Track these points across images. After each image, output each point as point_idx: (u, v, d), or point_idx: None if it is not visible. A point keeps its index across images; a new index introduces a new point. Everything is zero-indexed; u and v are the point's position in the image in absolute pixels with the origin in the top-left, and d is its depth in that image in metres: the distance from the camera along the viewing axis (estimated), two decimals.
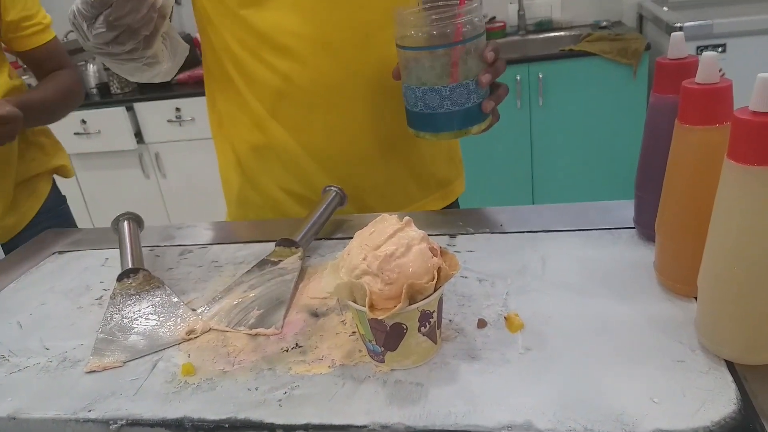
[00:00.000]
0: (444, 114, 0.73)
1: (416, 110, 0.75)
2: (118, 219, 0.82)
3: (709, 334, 0.50)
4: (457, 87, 0.71)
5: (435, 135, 0.76)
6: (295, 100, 0.87)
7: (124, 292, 0.71)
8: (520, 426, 0.46)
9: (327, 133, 0.88)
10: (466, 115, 0.74)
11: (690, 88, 0.51)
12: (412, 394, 0.51)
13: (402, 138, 0.91)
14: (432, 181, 0.97)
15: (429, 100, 0.73)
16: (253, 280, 0.70)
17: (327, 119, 0.87)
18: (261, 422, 0.50)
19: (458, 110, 0.73)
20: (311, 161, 0.90)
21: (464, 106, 0.73)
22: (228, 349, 0.60)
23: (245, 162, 0.94)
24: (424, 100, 0.73)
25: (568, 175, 2.57)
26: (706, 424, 0.44)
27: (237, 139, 0.94)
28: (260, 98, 0.88)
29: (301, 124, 0.88)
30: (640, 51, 2.28)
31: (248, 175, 0.95)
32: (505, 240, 0.74)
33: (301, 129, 0.88)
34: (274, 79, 0.86)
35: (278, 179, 0.93)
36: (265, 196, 0.95)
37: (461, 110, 0.73)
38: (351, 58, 0.84)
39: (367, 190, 0.92)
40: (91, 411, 0.54)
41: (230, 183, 0.99)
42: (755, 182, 0.43)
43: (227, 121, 0.95)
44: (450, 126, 0.74)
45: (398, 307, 0.49)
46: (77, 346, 0.64)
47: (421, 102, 0.73)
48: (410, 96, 0.75)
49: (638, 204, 0.68)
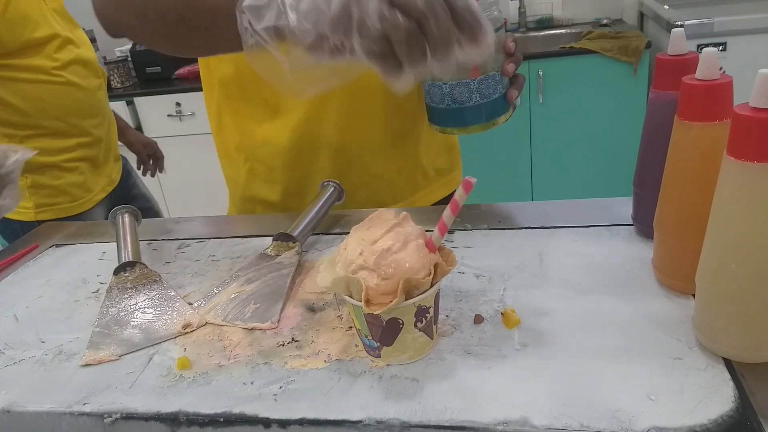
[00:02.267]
0: (473, 107, 0.74)
1: (443, 106, 0.75)
2: (116, 212, 0.82)
3: (706, 331, 0.50)
4: (485, 79, 0.72)
5: (464, 129, 0.76)
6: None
7: (121, 285, 0.70)
8: (516, 422, 0.46)
9: (340, 123, 0.87)
10: (494, 106, 0.74)
11: (690, 84, 0.51)
12: (407, 390, 0.50)
13: (410, 128, 0.92)
14: (433, 170, 0.98)
15: (458, 95, 0.73)
16: (250, 275, 0.70)
17: (341, 110, 0.86)
18: (256, 416, 0.50)
19: (486, 102, 0.74)
20: (322, 152, 0.89)
21: (492, 97, 0.73)
22: (224, 343, 0.60)
23: (253, 157, 0.93)
24: (452, 95, 0.73)
25: (567, 173, 2.57)
26: (703, 421, 0.43)
27: (242, 133, 0.93)
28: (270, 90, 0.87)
29: (313, 115, 0.87)
30: (641, 49, 2.28)
31: (256, 170, 0.94)
32: (503, 236, 0.73)
33: (312, 120, 0.87)
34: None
35: (287, 173, 0.92)
36: (272, 192, 0.94)
37: (489, 102, 0.74)
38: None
39: (375, 180, 0.92)
40: (86, 404, 0.54)
41: (235, 180, 0.97)
42: (755, 179, 0.42)
43: (229, 115, 0.94)
44: (479, 118, 0.75)
45: (394, 302, 0.49)
46: (73, 339, 0.64)
47: (449, 97, 0.74)
48: (436, 93, 0.75)
49: (637, 201, 0.68)
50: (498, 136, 2.52)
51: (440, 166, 0.99)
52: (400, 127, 0.91)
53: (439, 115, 0.77)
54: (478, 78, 0.72)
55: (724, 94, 0.50)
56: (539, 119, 2.48)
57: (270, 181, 0.93)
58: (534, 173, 2.60)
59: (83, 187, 1.36)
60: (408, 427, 0.47)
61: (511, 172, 2.61)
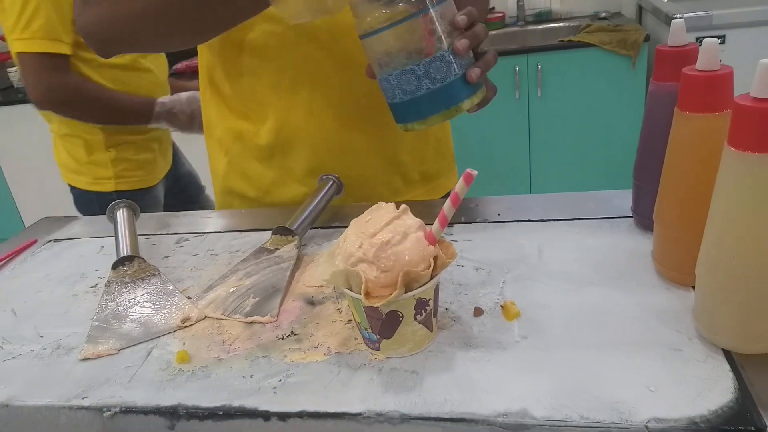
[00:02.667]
0: (425, 96, 0.65)
1: (396, 101, 0.67)
2: (114, 207, 0.82)
3: (706, 323, 0.50)
4: (432, 61, 0.63)
5: (423, 122, 0.67)
6: (276, 85, 0.85)
7: (119, 279, 0.70)
8: (516, 414, 0.45)
9: (312, 124, 0.86)
10: (450, 91, 0.65)
11: (690, 75, 0.50)
12: (407, 382, 0.50)
13: (388, 130, 0.89)
14: (416, 175, 0.95)
15: (405, 84, 0.65)
16: (249, 268, 0.70)
17: (311, 111, 0.85)
18: (255, 410, 0.50)
19: (440, 87, 0.64)
20: (291, 149, 0.89)
21: (445, 81, 0.64)
22: (223, 337, 0.60)
23: (230, 151, 0.93)
24: (401, 86, 0.65)
25: (565, 167, 2.57)
26: (703, 413, 0.43)
27: (222, 128, 0.93)
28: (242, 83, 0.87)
29: (281, 110, 0.86)
30: (640, 42, 2.27)
31: (234, 165, 0.94)
32: (503, 229, 0.73)
33: (281, 115, 0.87)
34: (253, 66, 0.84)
35: (260, 167, 0.92)
36: (249, 186, 0.94)
37: (443, 86, 0.64)
38: (333, 43, 0.83)
39: (350, 182, 0.88)
40: (85, 398, 0.54)
41: (217, 172, 0.98)
42: (756, 169, 0.42)
43: (213, 109, 0.94)
44: (436, 107, 0.66)
45: (394, 294, 0.49)
46: (71, 333, 0.64)
47: (399, 90, 0.66)
48: (387, 87, 0.67)
49: (636, 193, 0.68)
50: (496, 129, 2.52)
51: (427, 171, 0.96)
52: (378, 129, 0.88)
53: (396, 111, 0.69)
54: (422, 61, 0.63)
55: (724, 85, 0.50)
56: (538, 113, 2.48)
57: (245, 176, 0.93)
58: (532, 167, 2.60)
59: (153, 164, 1.53)
60: (408, 420, 0.47)
61: (509, 166, 2.60)
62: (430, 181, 0.97)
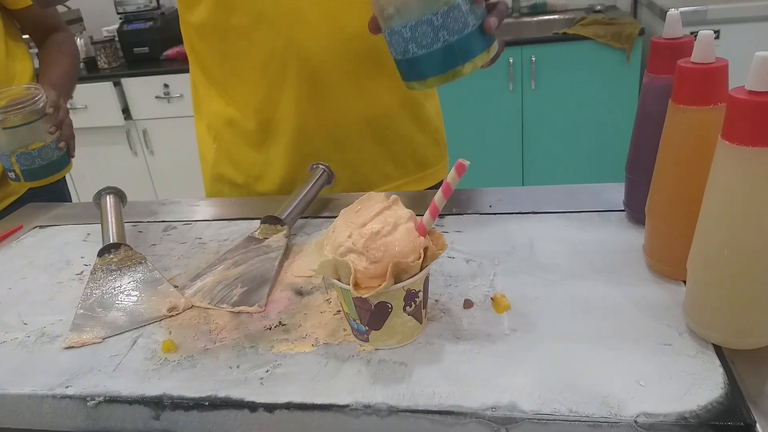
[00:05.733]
0: (443, 48, 0.60)
1: (408, 56, 0.62)
2: (100, 193, 0.81)
3: (697, 317, 0.49)
4: (450, 10, 0.58)
5: (442, 77, 0.62)
6: (266, 71, 0.84)
7: (105, 267, 0.69)
8: (505, 407, 0.45)
9: (299, 108, 0.85)
10: (468, 43, 0.60)
11: (685, 67, 0.50)
12: (395, 374, 0.50)
13: (380, 116, 0.89)
14: (411, 162, 0.95)
15: (421, 37, 0.60)
16: (237, 257, 0.69)
17: (300, 95, 0.84)
18: (241, 400, 0.49)
19: (459, 39, 0.60)
20: (283, 136, 0.88)
21: (464, 32, 0.60)
22: (210, 327, 0.59)
23: (219, 137, 0.92)
24: (415, 39, 0.60)
25: (558, 159, 2.57)
26: (693, 407, 0.43)
27: (211, 113, 0.92)
28: (231, 69, 0.86)
29: (273, 95, 0.85)
30: (634, 36, 2.27)
31: (223, 151, 0.93)
32: (494, 221, 0.73)
33: (273, 101, 0.86)
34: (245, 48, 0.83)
35: (250, 154, 0.91)
36: (238, 173, 0.93)
37: (462, 38, 0.60)
38: (325, 29, 0.82)
39: (339, 167, 0.88)
40: (69, 387, 0.53)
41: (206, 158, 0.97)
42: (750, 163, 0.42)
43: (202, 94, 0.93)
44: (454, 61, 0.61)
45: (383, 285, 0.48)
46: (56, 321, 0.63)
47: (413, 43, 0.60)
48: (397, 42, 0.61)
49: (629, 186, 0.67)
50: (489, 120, 2.51)
51: (422, 159, 0.96)
52: (368, 115, 0.88)
53: (407, 68, 0.63)
54: (441, 10, 0.58)
55: (719, 78, 0.49)
56: (531, 105, 2.47)
57: (234, 162, 0.92)
58: (525, 159, 2.60)
59: None
60: (396, 412, 0.46)
61: (502, 158, 2.60)
62: (422, 169, 0.97)
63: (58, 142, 0.93)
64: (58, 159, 0.93)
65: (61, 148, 0.94)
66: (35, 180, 0.92)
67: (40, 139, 0.91)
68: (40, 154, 0.91)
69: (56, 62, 1.18)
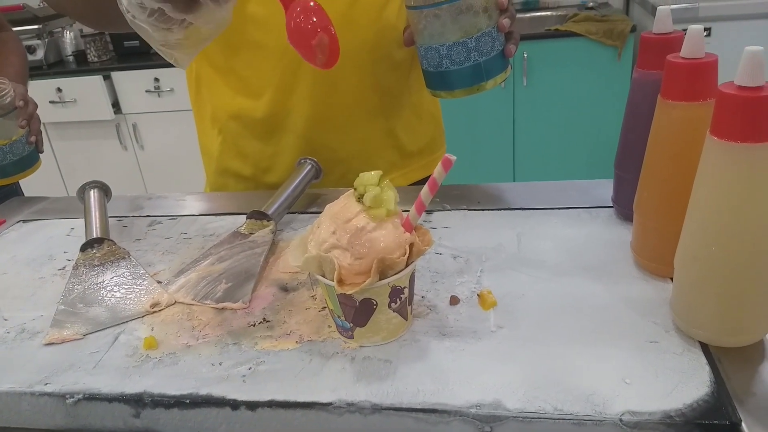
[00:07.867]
0: (473, 66, 0.71)
1: (441, 69, 0.72)
2: (84, 187, 0.80)
3: (684, 315, 0.49)
4: (482, 36, 0.69)
5: (467, 90, 0.73)
6: (282, 58, 0.83)
7: (88, 262, 0.68)
8: (489, 405, 0.45)
9: (312, 98, 0.85)
10: (493, 63, 0.72)
11: (674, 62, 0.49)
12: (380, 371, 0.49)
13: (388, 105, 0.90)
14: (415, 150, 0.96)
15: (456, 56, 0.70)
16: (222, 253, 0.68)
17: (314, 84, 0.84)
18: (223, 398, 0.48)
19: (486, 60, 0.71)
20: (294, 125, 0.87)
21: (491, 54, 0.71)
22: (193, 323, 0.58)
23: (225, 129, 0.91)
24: (450, 56, 0.70)
25: (549, 156, 2.56)
26: (679, 406, 0.43)
27: (215, 105, 0.91)
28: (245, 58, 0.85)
29: (287, 83, 0.85)
30: (626, 33, 2.27)
31: (229, 143, 0.92)
32: (482, 217, 0.72)
33: (288, 89, 0.85)
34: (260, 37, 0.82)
35: (259, 146, 0.90)
36: (245, 165, 0.92)
37: (489, 59, 0.71)
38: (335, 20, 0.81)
39: (349, 157, 0.90)
40: (48, 384, 0.52)
41: (209, 152, 0.96)
42: (738, 159, 0.41)
43: (205, 86, 0.92)
44: (480, 77, 0.72)
45: (368, 282, 0.47)
46: (36, 317, 0.62)
47: (447, 59, 0.71)
48: (433, 56, 0.72)
49: (617, 183, 0.67)
50: (481, 117, 2.51)
51: (425, 147, 0.98)
52: (377, 104, 0.89)
53: (437, 79, 0.74)
54: (475, 36, 0.69)
55: (708, 73, 0.49)
56: (523, 101, 2.47)
57: (241, 154, 0.91)
58: (516, 155, 2.59)
59: None
60: (379, 410, 0.46)
61: (493, 154, 2.60)
62: (425, 157, 0.98)
63: (28, 137, 0.92)
64: (28, 154, 0.92)
65: (32, 143, 0.93)
66: (6, 177, 0.91)
67: (10, 133, 0.89)
68: (12, 149, 0.89)
69: (7, 62, 1.17)
